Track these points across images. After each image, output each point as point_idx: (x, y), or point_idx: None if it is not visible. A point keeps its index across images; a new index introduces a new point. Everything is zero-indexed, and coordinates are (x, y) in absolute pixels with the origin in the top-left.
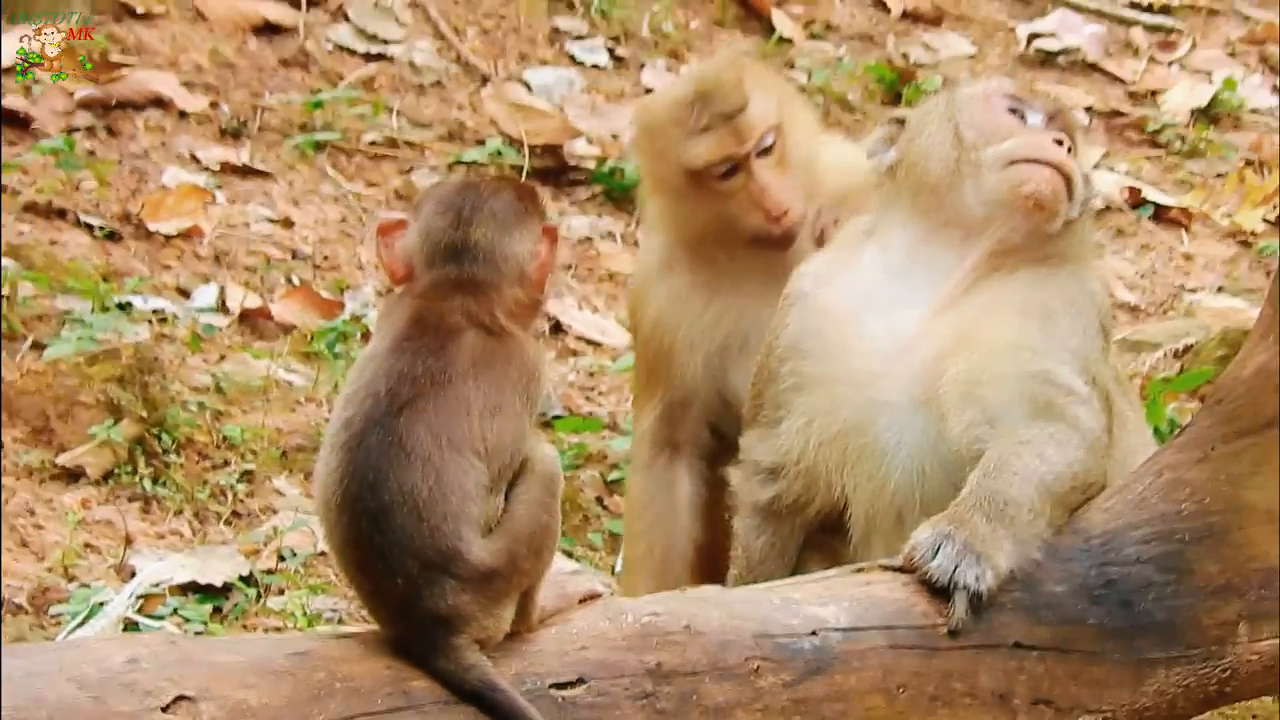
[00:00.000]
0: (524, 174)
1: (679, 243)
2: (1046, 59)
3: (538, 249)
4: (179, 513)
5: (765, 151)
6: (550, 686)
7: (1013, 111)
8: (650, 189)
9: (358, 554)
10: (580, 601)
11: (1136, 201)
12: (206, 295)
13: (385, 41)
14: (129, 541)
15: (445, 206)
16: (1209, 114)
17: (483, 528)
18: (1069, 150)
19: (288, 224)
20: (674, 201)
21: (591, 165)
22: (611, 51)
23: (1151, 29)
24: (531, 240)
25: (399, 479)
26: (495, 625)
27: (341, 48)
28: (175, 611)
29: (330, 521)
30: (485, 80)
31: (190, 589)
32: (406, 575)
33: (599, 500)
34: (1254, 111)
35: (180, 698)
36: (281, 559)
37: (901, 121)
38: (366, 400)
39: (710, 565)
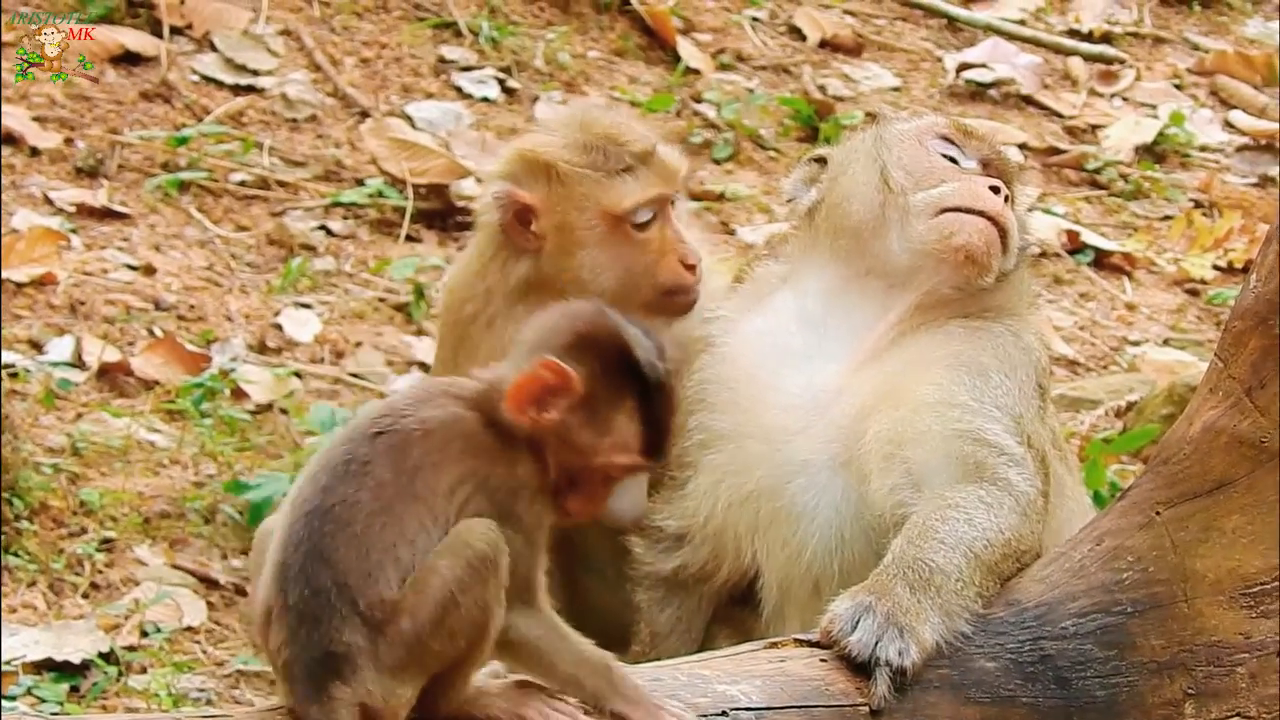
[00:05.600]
0: (407, 217)
1: None
2: (977, 91)
3: (525, 370)
4: (32, 584)
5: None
6: None
7: (945, 154)
8: (556, 246)
9: (283, 555)
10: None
11: (1075, 246)
12: (61, 348)
13: (255, 73)
14: None
15: None
16: (1154, 151)
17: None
18: (1005, 198)
19: (149, 271)
20: (584, 255)
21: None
22: (502, 83)
23: (1091, 59)
24: (528, 360)
25: (351, 488)
26: (381, 691)
27: (208, 79)
28: (29, 691)
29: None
30: (365, 115)
31: (45, 666)
32: (318, 588)
33: None
34: (1203, 149)
35: None
36: (144, 634)
37: (823, 160)
38: (348, 431)
39: None
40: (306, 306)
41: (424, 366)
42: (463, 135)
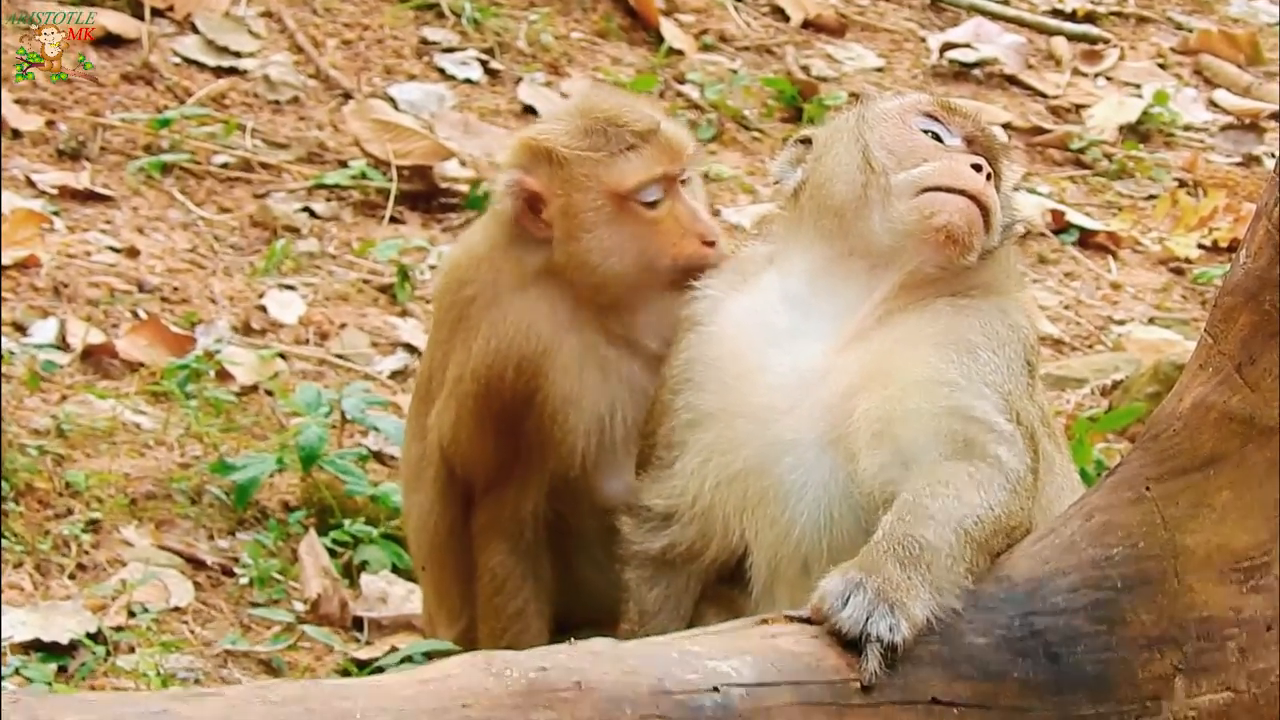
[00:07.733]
0: (391, 199)
1: (587, 293)
2: (961, 71)
3: None
4: (19, 565)
5: (682, 179)
6: None
7: (929, 131)
8: (564, 231)
9: None
10: None
11: (1060, 226)
12: (45, 331)
13: (237, 54)
14: None
15: None
16: (1138, 131)
17: None
18: (989, 176)
19: (133, 253)
20: (591, 239)
21: (464, 189)
22: (485, 65)
23: (1075, 38)
24: None
25: None
26: None
27: (189, 61)
28: (17, 671)
29: None
30: (347, 96)
31: (33, 647)
32: None
33: None
34: (1187, 128)
35: None
36: (131, 615)
37: (809, 141)
38: None
39: None
40: (290, 288)
41: (409, 348)
42: (446, 117)
